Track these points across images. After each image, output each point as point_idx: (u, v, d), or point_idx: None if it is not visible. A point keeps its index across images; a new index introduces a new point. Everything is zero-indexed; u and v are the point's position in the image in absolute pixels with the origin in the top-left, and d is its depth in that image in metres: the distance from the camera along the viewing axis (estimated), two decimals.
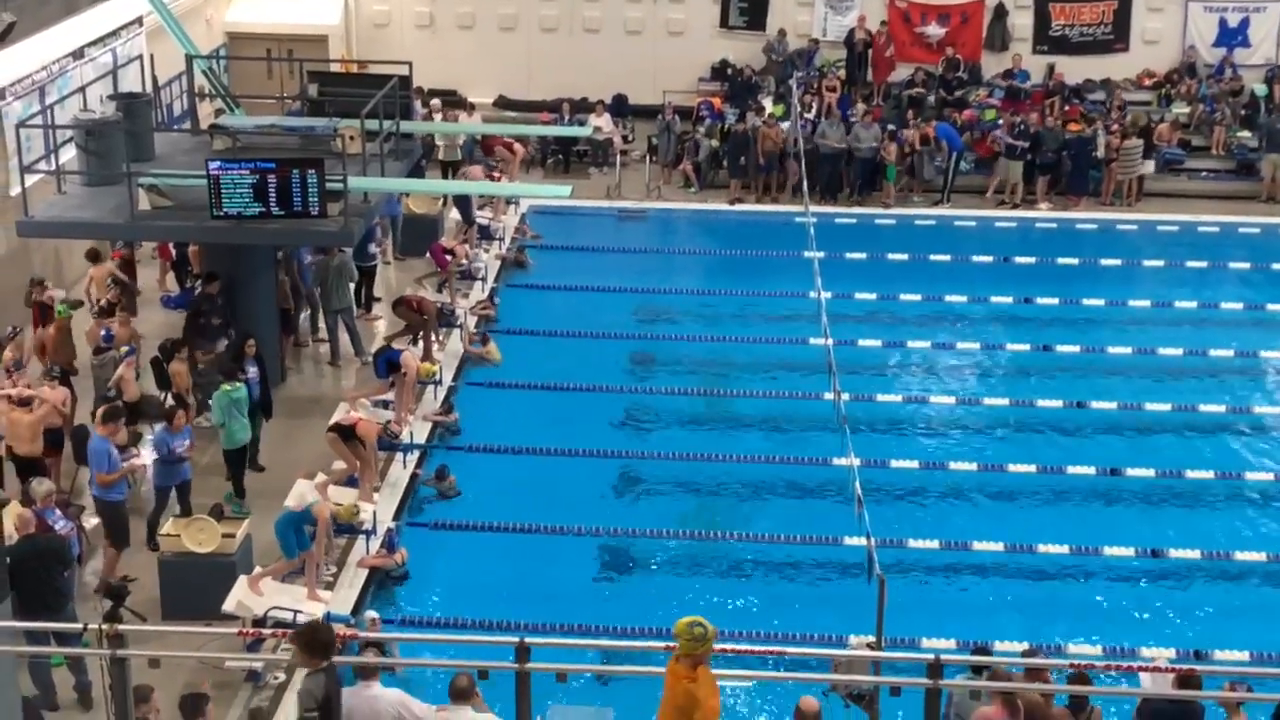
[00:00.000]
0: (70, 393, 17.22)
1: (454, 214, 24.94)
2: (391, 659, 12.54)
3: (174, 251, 22.15)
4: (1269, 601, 16.10)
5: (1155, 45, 31.01)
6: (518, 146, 27.01)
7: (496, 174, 25.54)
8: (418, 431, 18.67)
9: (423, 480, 17.95)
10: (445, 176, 27.06)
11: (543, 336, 21.99)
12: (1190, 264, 25.29)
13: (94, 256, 20.63)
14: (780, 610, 15.58)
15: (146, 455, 16.43)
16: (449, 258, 22.15)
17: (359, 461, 16.74)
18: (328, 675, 9.22)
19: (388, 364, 18.42)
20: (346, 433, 16.70)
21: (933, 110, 29.31)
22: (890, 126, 28.17)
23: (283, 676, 13.88)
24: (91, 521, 15.69)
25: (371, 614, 14.45)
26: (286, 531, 14.74)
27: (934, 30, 30.77)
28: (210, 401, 17.15)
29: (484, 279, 23.45)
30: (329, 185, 17.62)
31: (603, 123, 29.16)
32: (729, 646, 13.44)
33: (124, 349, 18.17)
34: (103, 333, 18.13)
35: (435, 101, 28.12)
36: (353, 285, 21.42)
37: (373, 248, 22.33)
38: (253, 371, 17.59)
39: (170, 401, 17.74)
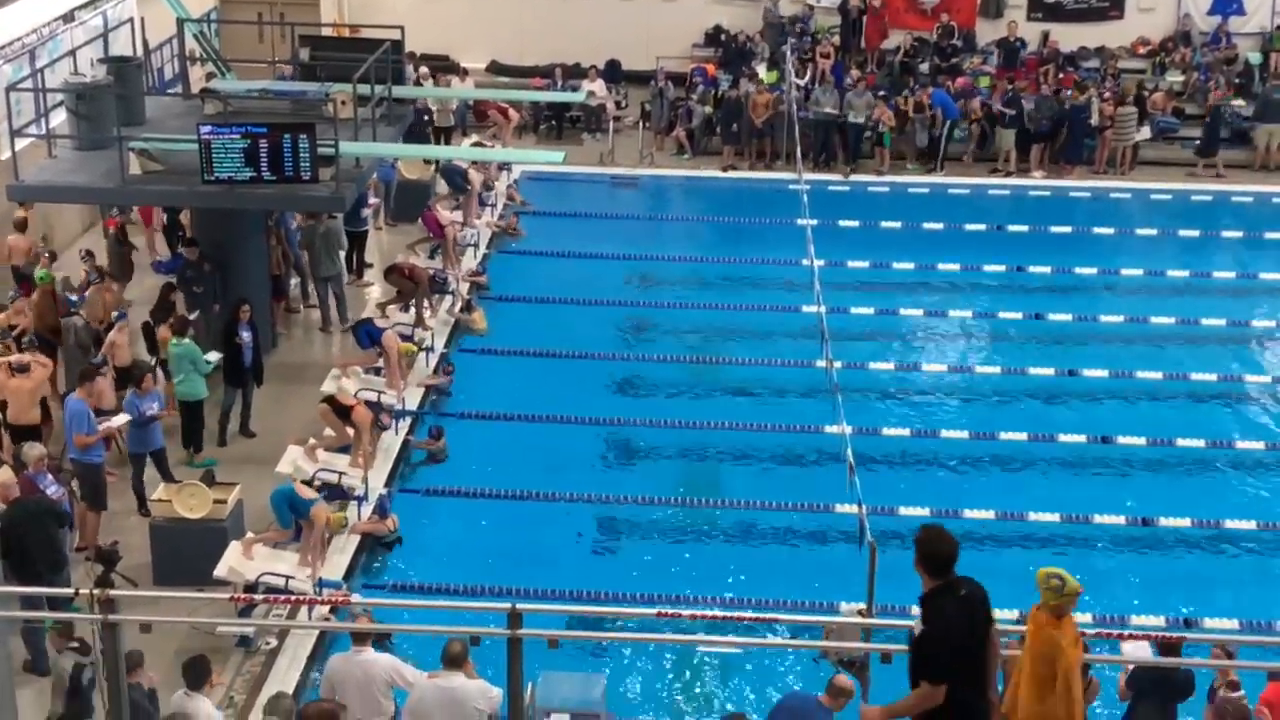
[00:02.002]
0: (53, 359, 17.19)
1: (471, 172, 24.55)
2: (384, 625, 12.55)
3: (165, 216, 22.08)
4: (1259, 569, 16.17)
5: (1150, 13, 30.93)
6: (511, 112, 26.93)
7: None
8: (410, 396, 18.64)
9: (415, 442, 17.93)
10: (438, 142, 27.00)
11: (535, 303, 21.96)
12: (1183, 233, 25.30)
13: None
14: (771, 577, 15.61)
15: (119, 420, 16.35)
16: (441, 230, 22.04)
17: (352, 433, 16.67)
18: None
19: (368, 336, 18.39)
20: (341, 411, 16.64)
21: (926, 77, 29.24)
22: (881, 93, 28.13)
23: (274, 642, 13.92)
24: None
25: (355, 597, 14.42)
26: (281, 505, 14.74)
27: None
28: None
29: (476, 245, 23.40)
30: (320, 150, 17.55)
31: (596, 88, 29.06)
32: (720, 613, 13.51)
33: (114, 314, 18.14)
34: (71, 298, 18.01)
35: (424, 69, 27.94)
36: (343, 252, 21.35)
37: (365, 212, 22.26)
38: (246, 336, 17.57)
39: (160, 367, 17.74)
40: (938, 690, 7.86)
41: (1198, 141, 27.97)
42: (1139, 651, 11.92)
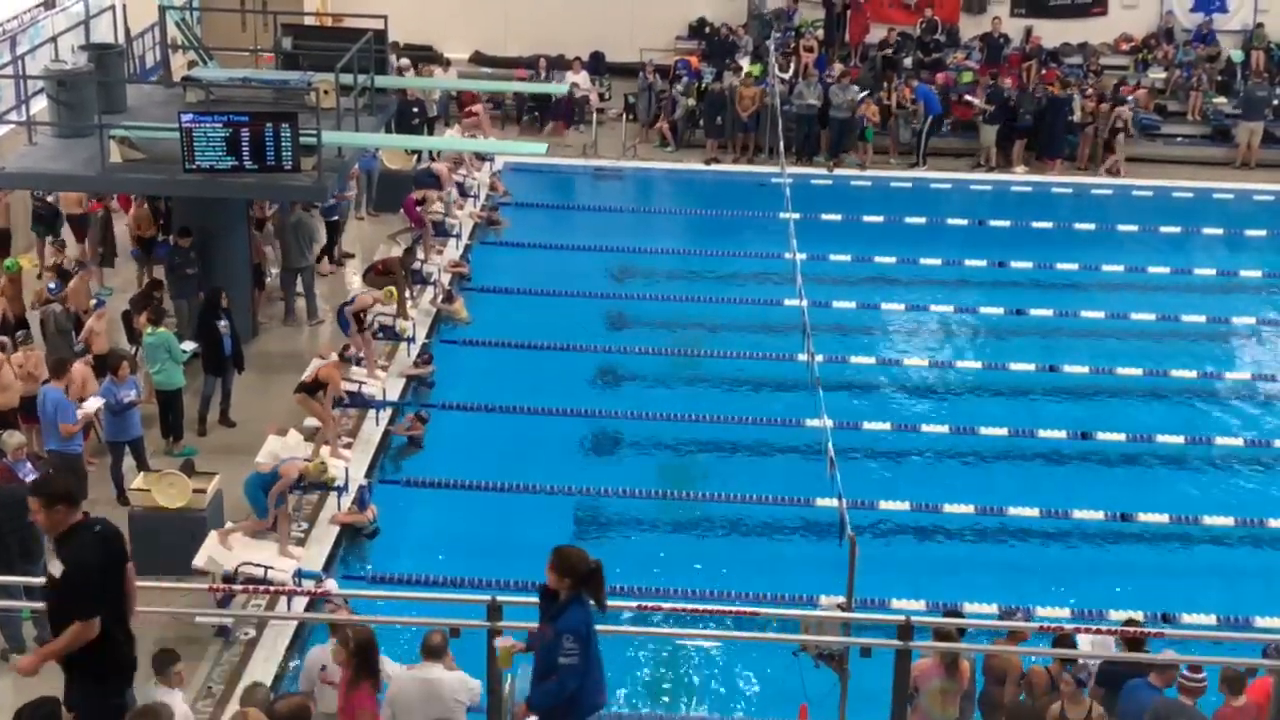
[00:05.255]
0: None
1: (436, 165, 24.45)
2: (363, 616, 12.50)
3: (145, 204, 21.99)
4: (1237, 565, 16.23)
5: (1133, 10, 31.01)
6: (478, 107, 26.61)
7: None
8: (391, 388, 18.60)
9: (398, 426, 17.89)
10: (421, 133, 26.88)
11: (517, 294, 21.93)
12: (1164, 229, 25.36)
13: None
14: (751, 570, 15.62)
15: (94, 404, 16.28)
16: (420, 209, 21.97)
17: (319, 407, 16.60)
18: None
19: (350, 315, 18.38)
20: (312, 389, 16.60)
21: (909, 72, 29.27)
22: (866, 92, 28.13)
23: (253, 632, 13.89)
24: None
25: (331, 582, 14.43)
26: (255, 493, 14.70)
27: None
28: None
29: (458, 236, 23.35)
30: (302, 140, 17.50)
31: (579, 80, 29.02)
32: (699, 607, 13.51)
33: (93, 302, 18.07)
34: (50, 285, 17.93)
35: (404, 61, 27.85)
36: (319, 245, 21.20)
37: (342, 201, 22.15)
38: (224, 325, 17.50)
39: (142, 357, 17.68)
40: (91, 625, 8.07)
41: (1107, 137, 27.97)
42: (1101, 647, 11.96)
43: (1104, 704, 11.71)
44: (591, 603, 8.61)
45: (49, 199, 20.26)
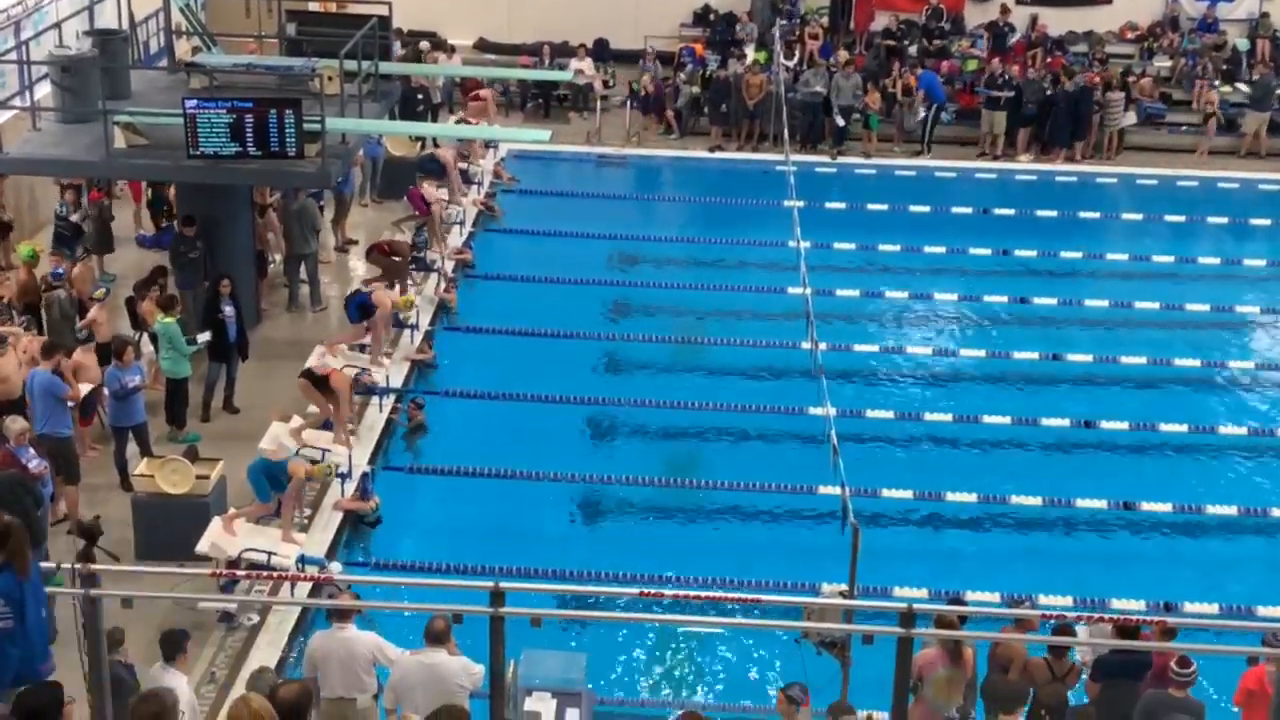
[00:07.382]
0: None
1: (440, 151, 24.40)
2: (365, 602, 12.54)
3: (149, 191, 21.99)
4: (1239, 554, 16.23)
5: None
6: (485, 91, 26.62)
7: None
8: (395, 374, 18.60)
9: (402, 412, 17.92)
10: (426, 120, 26.86)
11: (520, 281, 21.91)
12: (1169, 218, 25.35)
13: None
14: (754, 558, 15.63)
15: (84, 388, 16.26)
16: (427, 207, 21.97)
17: (332, 407, 16.64)
18: None
19: (360, 308, 18.31)
20: (319, 382, 16.60)
21: (914, 60, 29.23)
22: (869, 78, 28.10)
23: (256, 618, 13.91)
24: None
25: (335, 565, 14.46)
26: (259, 479, 14.70)
27: None
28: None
29: (461, 223, 23.34)
30: (307, 126, 17.48)
31: (584, 67, 28.99)
32: (701, 593, 13.52)
33: (101, 291, 18.07)
34: (53, 271, 17.93)
35: (424, 45, 27.81)
36: (318, 232, 21.23)
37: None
38: (229, 311, 17.51)
39: (147, 343, 17.69)
40: None
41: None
42: (1099, 635, 11.96)
43: (1100, 697, 11.73)
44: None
45: (71, 218, 20.13)
